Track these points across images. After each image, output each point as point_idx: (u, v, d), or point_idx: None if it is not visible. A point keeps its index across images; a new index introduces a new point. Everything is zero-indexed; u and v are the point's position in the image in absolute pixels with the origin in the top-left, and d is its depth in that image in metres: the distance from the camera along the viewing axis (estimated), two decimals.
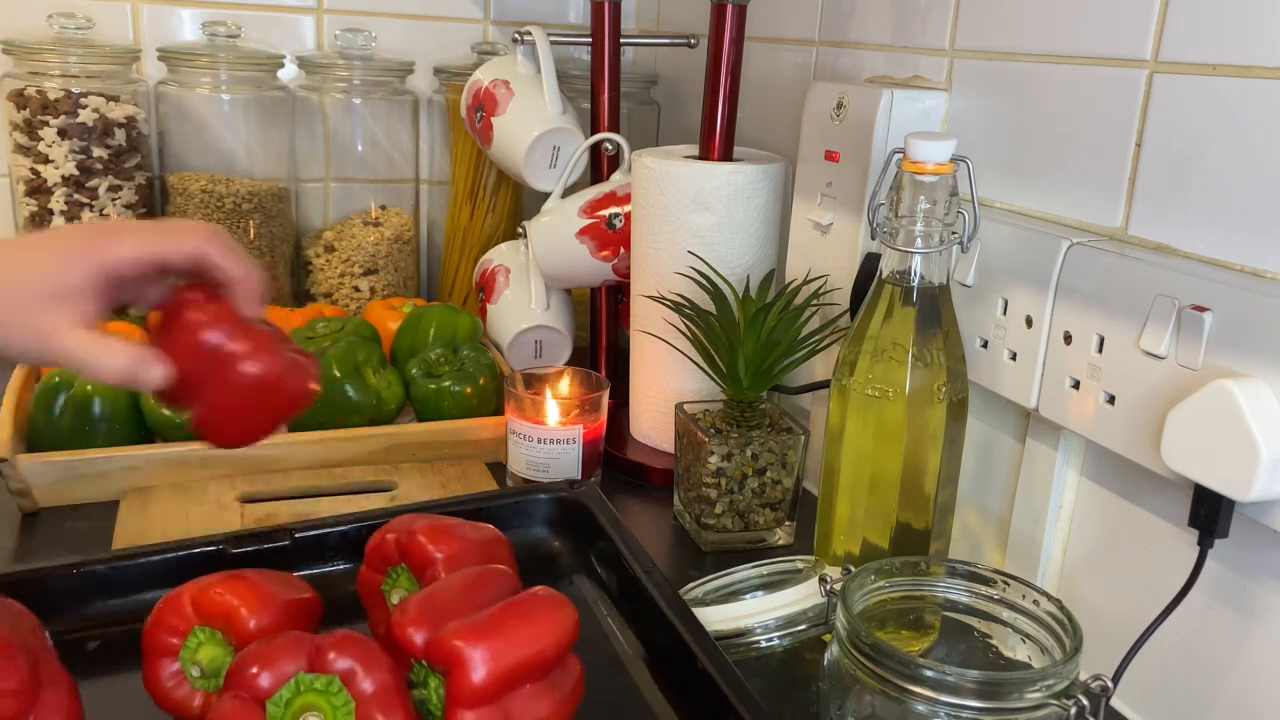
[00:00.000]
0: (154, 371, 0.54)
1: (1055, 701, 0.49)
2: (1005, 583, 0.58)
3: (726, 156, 0.89)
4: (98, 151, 1.05)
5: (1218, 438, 0.50)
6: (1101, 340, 0.59)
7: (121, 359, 0.53)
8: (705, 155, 0.89)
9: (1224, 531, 0.53)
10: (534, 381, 0.88)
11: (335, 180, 1.22)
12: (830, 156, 0.81)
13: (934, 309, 0.63)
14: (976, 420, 0.72)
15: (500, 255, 1.11)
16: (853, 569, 0.58)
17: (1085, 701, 0.50)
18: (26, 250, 0.54)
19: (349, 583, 0.63)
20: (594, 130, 1.06)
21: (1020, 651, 0.57)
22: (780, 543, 0.81)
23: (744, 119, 0.97)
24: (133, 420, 0.84)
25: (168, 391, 0.56)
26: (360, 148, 1.20)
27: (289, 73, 1.18)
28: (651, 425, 0.94)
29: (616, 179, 1.03)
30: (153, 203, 1.13)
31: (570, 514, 0.75)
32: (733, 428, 0.79)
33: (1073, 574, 0.66)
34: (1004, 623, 0.58)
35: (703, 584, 0.69)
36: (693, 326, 0.81)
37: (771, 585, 0.66)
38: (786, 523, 0.81)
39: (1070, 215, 0.66)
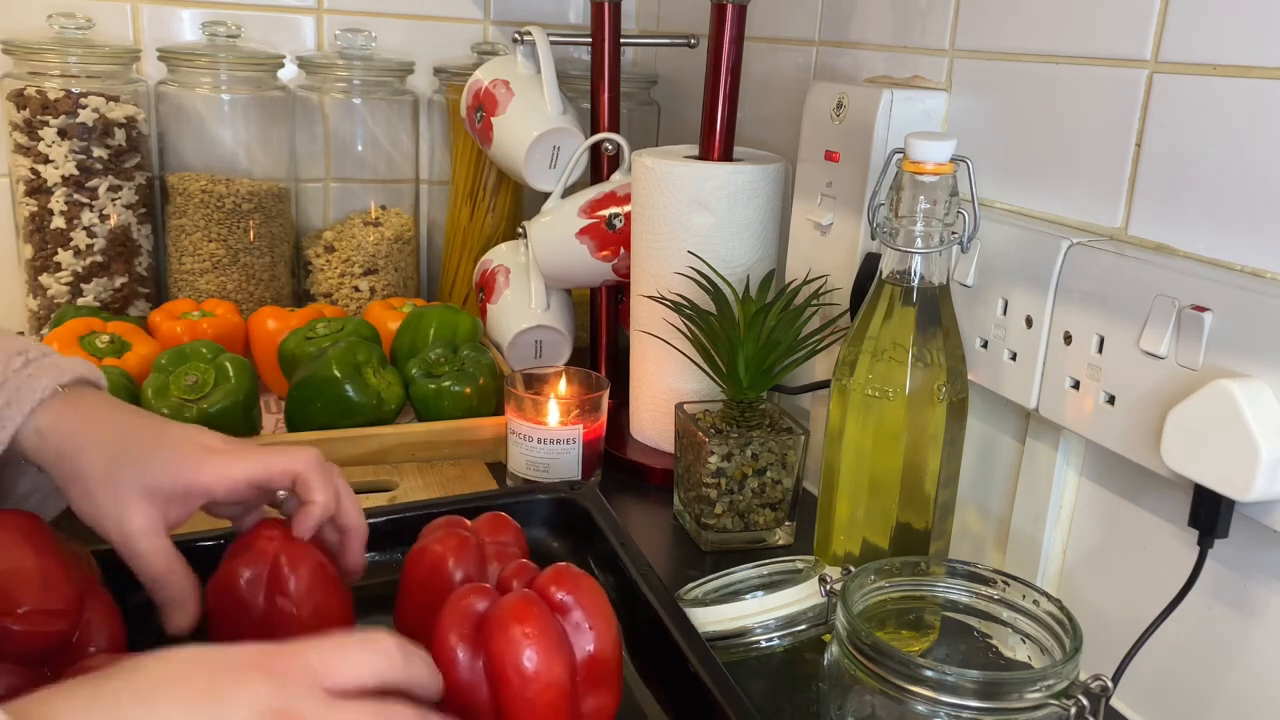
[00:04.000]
0: (184, 614, 0.56)
1: (1055, 701, 0.49)
2: (1005, 583, 0.58)
3: (726, 156, 0.89)
4: (98, 151, 1.05)
5: (1218, 438, 0.50)
6: (1101, 340, 0.59)
7: (165, 572, 0.55)
8: (705, 155, 0.89)
9: (1224, 531, 0.53)
10: (534, 381, 0.88)
11: (335, 180, 1.22)
12: (830, 156, 0.81)
13: (934, 309, 0.63)
14: (976, 420, 0.72)
15: (500, 255, 1.12)
16: (853, 569, 0.58)
17: (1085, 701, 0.50)
18: (146, 435, 0.56)
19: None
20: (594, 130, 1.06)
21: (1020, 651, 0.57)
22: (780, 543, 0.81)
23: (744, 119, 0.97)
24: None
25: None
26: (360, 148, 1.20)
27: (289, 73, 1.18)
28: (651, 425, 0.94)
29: (616, 179, 1.03)
30: (153, 203, 1.13)
31: (569, 515, 0.75)
32: (733, 428, 0.79)
33: (1073, 574, 0.66)
34: (1004, 623, 0.58)
35: (703, 584, 0.69)
36: (693, 326, 0.81)
37: (771, 585, 0.66)
38: (786, 523, 0.81)
39: (1070, 215, 0.66)
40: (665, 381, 0.91)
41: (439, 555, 0.60)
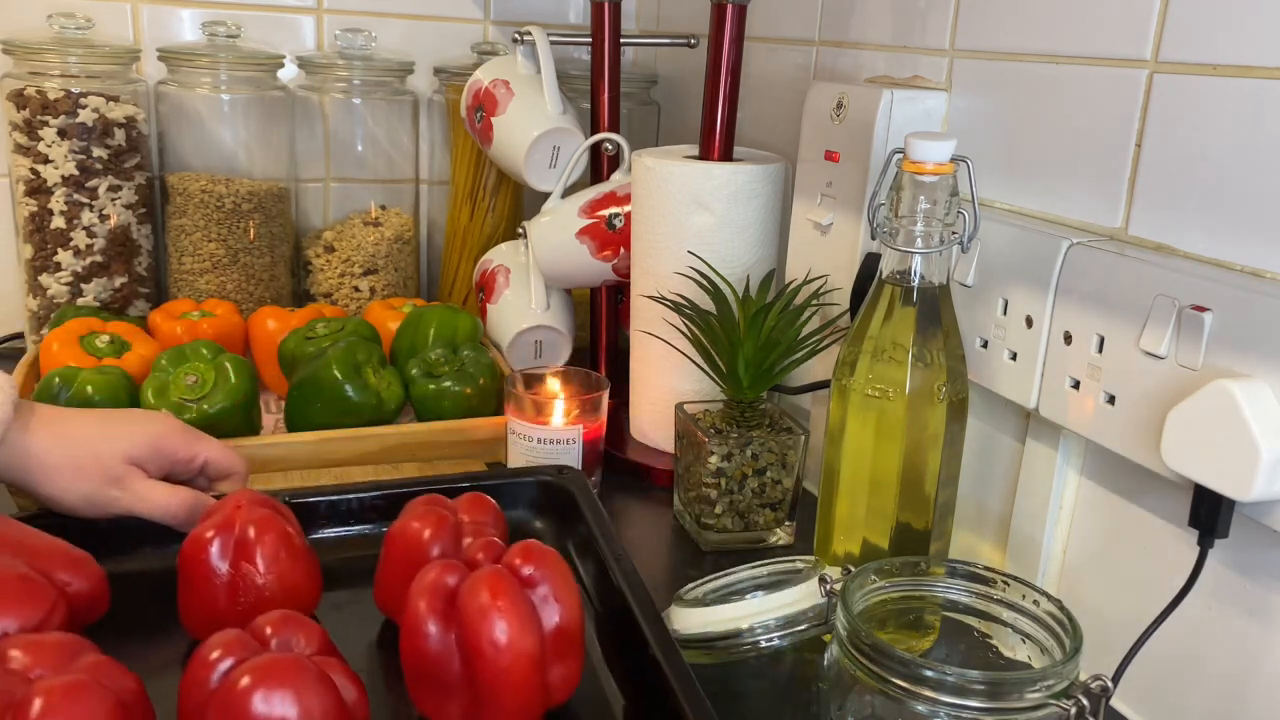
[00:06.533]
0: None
1: (1055, 701, 0.49)
2: (1005, 583, 0.58)
3: (726, 156, 0.89)
4: (98, 151, 1.05)
5: (1218, 438, 0.50)
6: (1101, 340, 0.59)
7: (181, 498, 0.66)
8: (705, 155, 0.89)
9: (1224, 531, 0.53)
10: (534, 381, 0.88)
11: (335, 180, 1.22)
12: (830, 156, 0.81)
13: (934, 309, 0.63)
14: (976, 420, 0.72)
15: (500, 255, 1.11)
16: (853, 569, 0.58)
17: (1085, 701, 0.50)
18: (110, 422, 0.68)
19: (339, 550, 0.71)
20: (594, 130, 1.06)
21: (1020, 651, 0.57)
22: (780, 543, 0.81)
23: (744, 119, 0.97)
24: None
25: None
26: (360, 148, 1.20)
27: (289, 73, 1.18)
28: (651, 425, 0.94)
29: (616, 179, 1.03)
30: (153, 203, 1.13)
31: (554, 499, 0.75)
32: (733, 428, 0.79)
33: (1073, 574, 0.66)
34: (1004, 623, 0.58)
35: (703, 584, 0.69)
36: (693, 326, 0.81)
37: (771, 585, 0.66)
38: (786, 523, 0.81)
39: (1070, 215, 0.66)
40: (665, 381, 0.91)
41: (416, 532, 0.62)
